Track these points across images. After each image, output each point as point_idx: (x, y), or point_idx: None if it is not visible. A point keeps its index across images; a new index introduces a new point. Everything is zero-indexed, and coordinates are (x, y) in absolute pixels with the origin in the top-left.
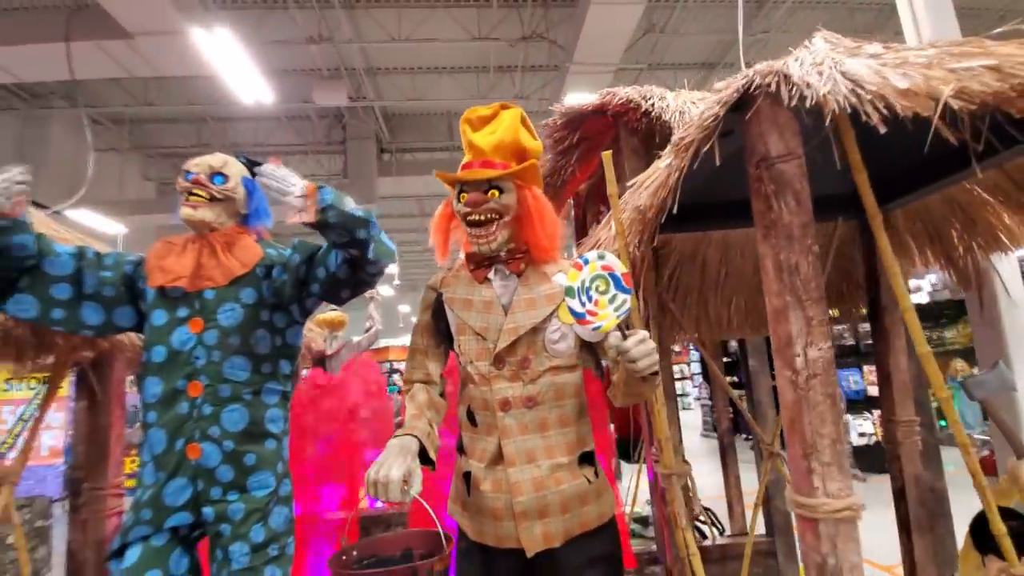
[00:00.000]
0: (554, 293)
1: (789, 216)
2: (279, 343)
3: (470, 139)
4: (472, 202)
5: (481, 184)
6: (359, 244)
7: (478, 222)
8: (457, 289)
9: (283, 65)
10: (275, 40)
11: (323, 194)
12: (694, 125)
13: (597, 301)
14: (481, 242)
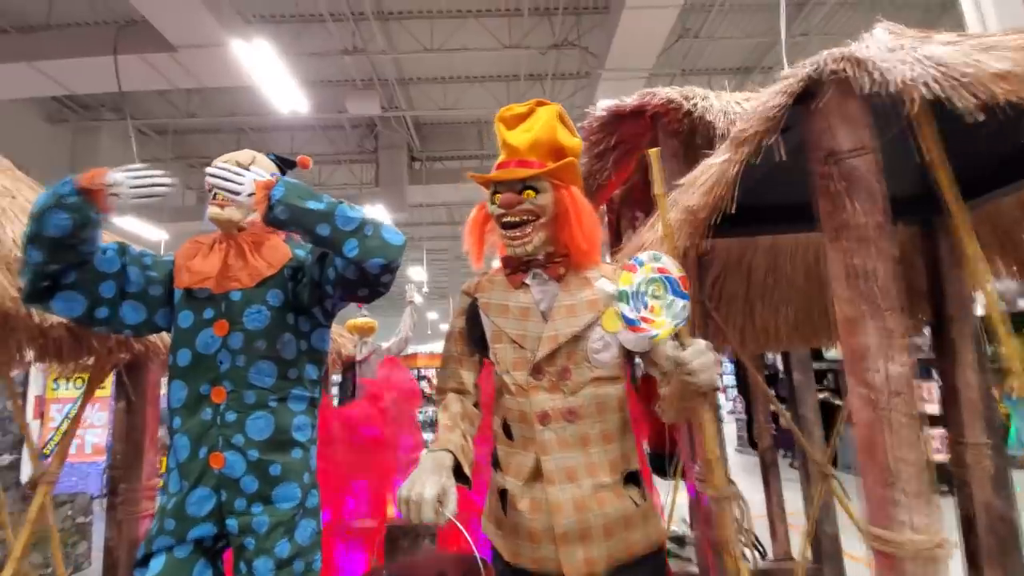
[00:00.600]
0: (596, 299)
1: (863, 216)
2: (305, 347)
3: (504, 137)
4: (506, 203)
5: (515, 184)
6: (326, 242)
7: (512, 223)
8: (493, 294)
9: (318, 76)
10: (311, 52)
11: (275, 190)
12: (756, 117)
13: (652, 307)
14: (516, 244)
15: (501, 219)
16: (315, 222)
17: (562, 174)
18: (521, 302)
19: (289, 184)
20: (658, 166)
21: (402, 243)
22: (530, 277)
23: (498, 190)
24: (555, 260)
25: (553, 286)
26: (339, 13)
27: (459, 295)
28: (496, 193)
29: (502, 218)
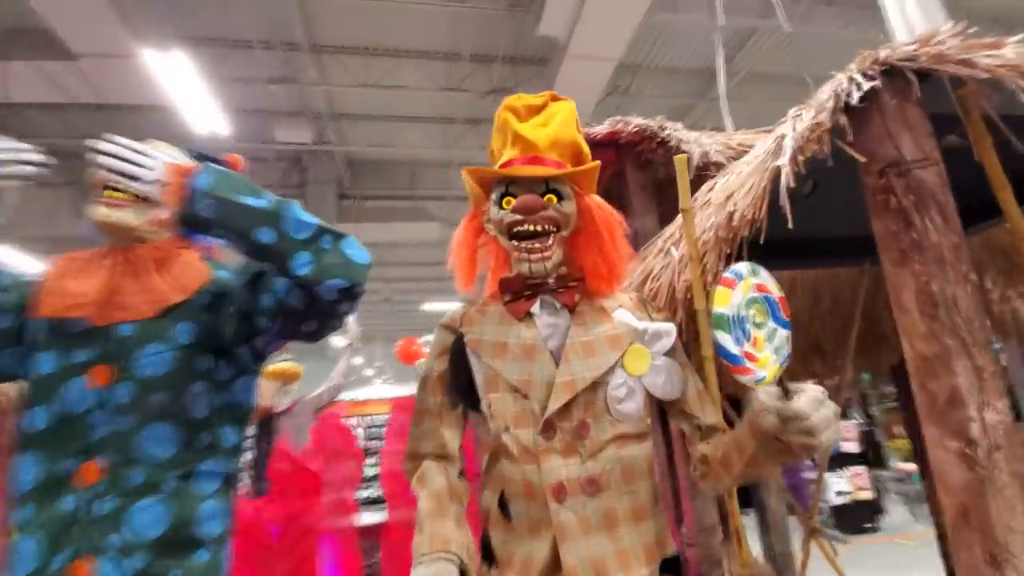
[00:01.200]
0: (618, 335)
1: (937, 235)
2: (223, 402)
3: (516, 130)
4: (527, 206)
5: (536, 185)
6: (269, 253)
7: (530, 233)
8: (485, 328)
9: (242, 104)
10: (235, 78)
11: (198, 177)
12: (811, 119)
13: (755, 338)
14: (535, 259)
15: (514, 228)
16: (254, 225)
17: (586, 181)
18: (524, 338)
19: (220, 172)
20: (685, 177)
21: (369, 263)
22: (537, 306)
23: (512, 192)
24: (569, 285)
25: (564, 318)
26: (269, 41)
27: (437, 330)
28: (506, 196)
29: (517, 226)
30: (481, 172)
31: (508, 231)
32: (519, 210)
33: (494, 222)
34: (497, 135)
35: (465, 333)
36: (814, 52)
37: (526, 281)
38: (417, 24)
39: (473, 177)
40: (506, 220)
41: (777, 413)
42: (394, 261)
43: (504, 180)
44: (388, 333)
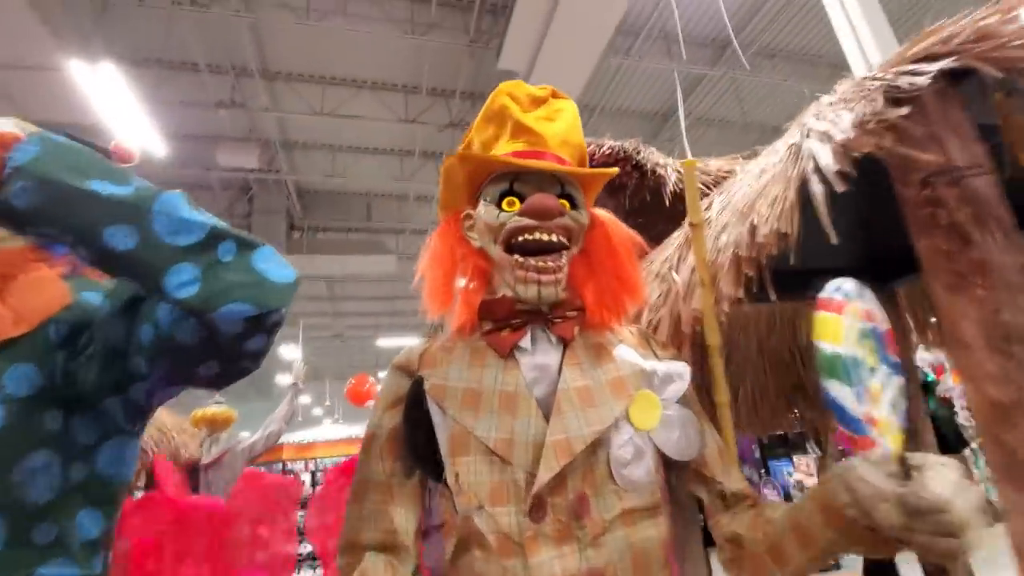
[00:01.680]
0: (622, 379)
1: (1001, 254)
2: (80, 478)
3: (520, 119)
4: (542, 209)
5: (550, 185)
6: (131, 266)
7: (544, 246)
8: (451, 371)
9: (185, 129)
10: (178, 101)
11: (19, 150)
12: (858, 113)
13: (870, 389)
14: (545, 280)
15: (519, 236)
16: (102, 222)
17: (594, 192)
18: (504, 384)
19: (54, 144)
20: (694, 185)
21: (292, 282)
22: (527, 339)
23: (518, 191)
24: (569, 314)
25: (554, 356)
26: (217, 65)
27: (389, 373)
28: (509, 195)
29: (523, 234)
30: (479, 159)
31: (508, 240)
32: (531, 213)
33: (487, 227)
34: (487, 124)
35: (425, 377)
36: (757, 100)
37: (514, 307)
38: (376, 55)
39: (465, 165)
40: (510, 225)
41: (900, 503)
42: (347, 295)
43: (509, 174)
44: (339, 370)
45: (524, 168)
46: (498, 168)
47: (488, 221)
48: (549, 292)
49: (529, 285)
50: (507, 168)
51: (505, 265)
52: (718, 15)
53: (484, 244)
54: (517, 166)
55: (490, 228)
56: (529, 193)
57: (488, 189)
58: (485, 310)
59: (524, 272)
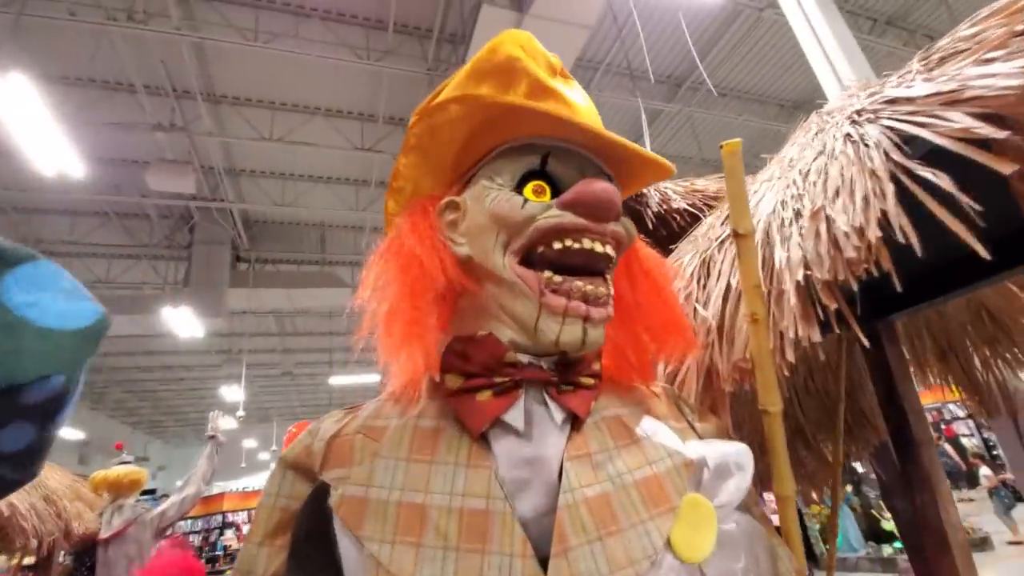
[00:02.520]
0: (658, 478)
1: None
2: None
3: (540, 78)
4: (598, 203)
5: (593, 169)
6: None
7: (592, 260)
8: (376, 472)
9: (118, 152)
10: (111, 123)
11: None
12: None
13: None
14: (596, 316)
15: (559, 240)
16: None
17: (632, 191)
18: (468, 494)
19: None
20: (740, 176)
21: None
22: (517, 411)
23: (554, 173)
24: (583, 380)
25: (554, 442)
26: (157, 86)
27: (273, 474)
28: (537, 178)
29: (567, 238)
30: (505, 104)
31: (533, 247)
32: (587, 207)
33: (495, 223)
34: (482, 78)
35: (333, 484)
36: (712, 136)
37: (505, 354)
38: (330, 80)
39: (470, 113)
40: (545, 223)
41: None
42: (297, 331)
43: (539, 145)
44: (288, 410)
45: (564, 133)
46: (525, 130)
47: (504, 212)
48: (596, 336)
49: (571, 321)
50: (542, 132)
51: (522, 286)
52: (674, 52)
53: (479, 251)
54: (561, 120)
55: (505, 223)
56: (570, 179)
57: (498, 165)
58: (455, 354)
59: (563, 300)
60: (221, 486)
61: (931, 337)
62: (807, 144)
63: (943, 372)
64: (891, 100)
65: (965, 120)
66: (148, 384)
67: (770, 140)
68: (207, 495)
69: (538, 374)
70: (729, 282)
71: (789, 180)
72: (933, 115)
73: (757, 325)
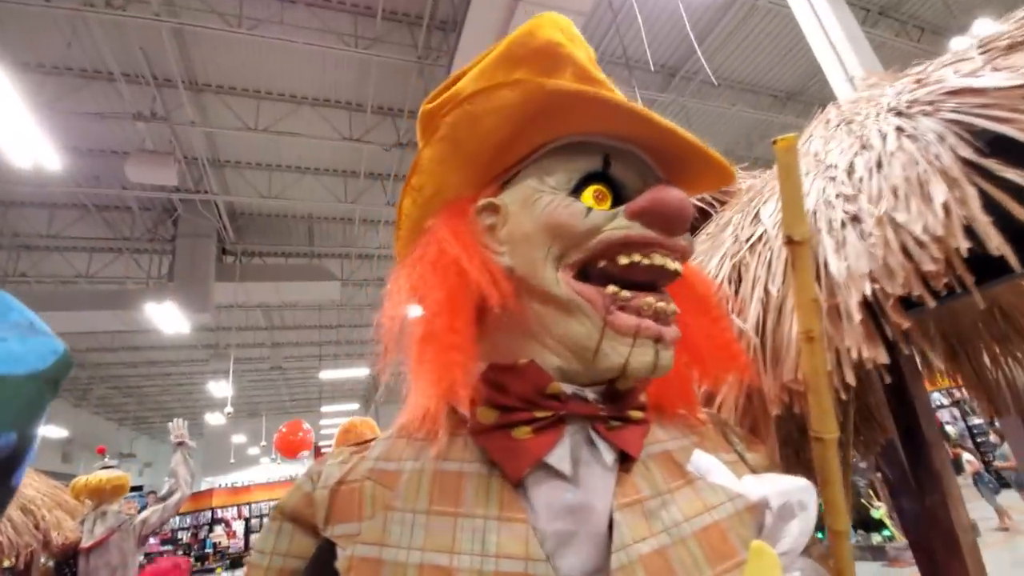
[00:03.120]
0: (719, 525)
1: None
2: None
3: (586, 67)
4: (678, 214)
5: (653, 176)
6: None
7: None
8: (393, 528)
9: (98, 143)
10: (89, 112)
11: None
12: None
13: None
14: (669, 336)
15: (626, 254)
16: None
17: None
18: (499, 554)
19: None
20: (797, 175)
21: (43, 369)
22: (563, 448)
23: (617, 177)
24: (634, 415)
25: (602, 486)
26: (136, 74)
27: (268, 524)
28: (599, 182)
29: (635, 252)
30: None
31: (594, 260)
32: (662, 219)
33: (547, 231)
34: (531, 63)
35: (340, 542)
36: (705, 126)
37: (545, 385)
38: (317, 68)
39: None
40: (615, 234)
41: None
42: (286, 325)
43: (599, 145)
44: (279, 405)
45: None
46: (580, 125)
47: (562, 220)
48: (668, 359)
49: (642, 343)
50: (600, 128)
51: (581, 303)
52: (668, 40)
53: (524, 262)
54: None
55: (561, 233)
56: (634, 185)
57: (549, 165)
58: (490, 384)
59: (634, 319)
60: (210, 482)
61: (941, 335)
62: (833, 137)
63: (952, 370)
64: (954, 91)
65: None
66: (133, 380)
67: (764, 130)
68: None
69: (584, 408)
70: (767, 289)
71: (827, 178)
72: (1015, 109)
73: (813, 344)
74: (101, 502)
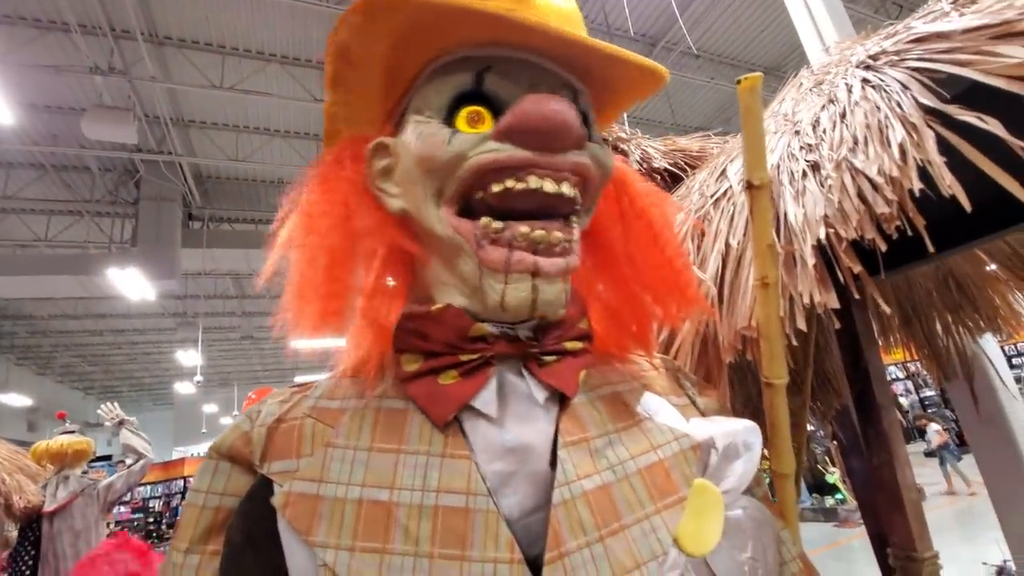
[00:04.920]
0: (663, 463)
1: None
2: None
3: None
4: (556, 125)
5: (551, 83)
6: None
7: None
8: (332, 464)
9: (54, 99)
10: (44, 65)
11: None
12: None
13: None
14: (549, 269)
15: (504, 178)
16: None
17: (618, 110)
18: (440, 489)
19: None
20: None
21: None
22: (489, 391)
23: (492, 92)
24: (569, 346)
25: (542, 426)
26: (93, 25)
27: (204, 464)
28: (473, 103)
29: (508, 176)
30: (416, 2)
31: (470, 190)
32: (532, 131)
33: (422, 166)
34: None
35: (277, 479)
36: (684, 100)
37: (469, 327)
38: (286, 25)
39: (382, 21)
40: (479, 159)
41: None
42: (257, 293)
43: (475, 58)
44: (251, 375)
45: (511, 36)
46: (458, 38)
47: (428, 152)
48: (553, 294)
49: (515, 279)
50: (480, 38)
51: (459, 241)
52: (648, 10)
53: (412, 203)
54: (503, 22)
55: (431, 167)
56: (515, 97)
57: (427, 92)
58: (409, 333)
59: (505, 252)
60: (182, 451)
61: (896, 303)
62: (803, 99)
63: (906, 337)
64: (920, 38)
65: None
66: (98, 348)
67: None
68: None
69: (513, 347)
70: (728, 242)
71: (792, 133)
72: (979, 51)
73: (767, 290)
74: (63, 467)
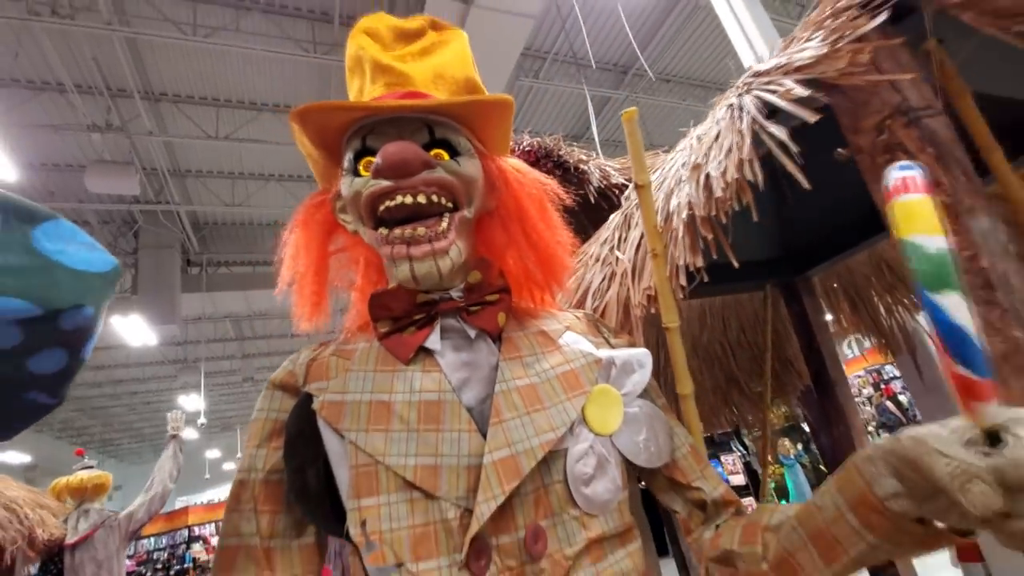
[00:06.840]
0: (574, 371)
1: (969, 197)
2: None
3: (377, 59)
4: (392, 164)
5: (414, 131)
6: None
7: (410, 211)
8: (350, 382)
9: (51, 156)
10: (41, 125)
11: None
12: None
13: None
14: (419, 254)
15: (380, 204)
16: None
17: (494, 129)
18: (419, 390)
19: None
20: (638, 138)
21: (106, 271)
22: (435, 337)
23: (372, 147)
24: (488, 299)
25: (484, 352)
26: (89, 85)
27: (263, 395)
28: (364, 155)
29: (384, 201)
30: (318, 110)
31: (372, 212)
32: (385, 170)
33: (350, 202)
34: (351, 77)
35: (315, 393)
36: (657, 122)
37: (414, 298)
38: (276, 75)
39: (307, 124)
40: (366, 192)
41: (999, 481)
42: (256, 334)
43: (360, 129)
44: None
45: (369, 114)
46: (338, 125)
47: (347, 193)
48: (427, 269)
49: (399, 263)
50: (350, 119)
51: (377, 246)
52: (618, 40)
53: (356, 225)
54: (361, 112)
55: (352, 202)
56: (379, 143)
57: (346, 153)
58: (377, 307)
59: (393, 248)
60: (185, 500)
61: (843, 289)
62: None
63: (854, 320)
64: (756, 73)
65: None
66: (97, 400)
67: None
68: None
69: (449, 304)
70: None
71: (687, 148)
72: (778, 84)
73: (657, 259)
74: (83, 501)
